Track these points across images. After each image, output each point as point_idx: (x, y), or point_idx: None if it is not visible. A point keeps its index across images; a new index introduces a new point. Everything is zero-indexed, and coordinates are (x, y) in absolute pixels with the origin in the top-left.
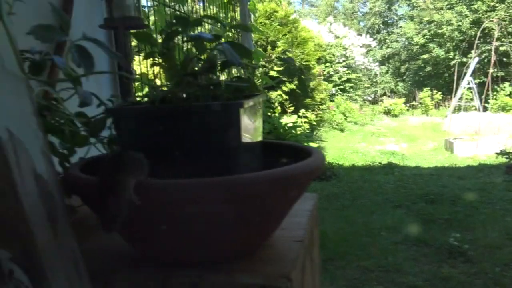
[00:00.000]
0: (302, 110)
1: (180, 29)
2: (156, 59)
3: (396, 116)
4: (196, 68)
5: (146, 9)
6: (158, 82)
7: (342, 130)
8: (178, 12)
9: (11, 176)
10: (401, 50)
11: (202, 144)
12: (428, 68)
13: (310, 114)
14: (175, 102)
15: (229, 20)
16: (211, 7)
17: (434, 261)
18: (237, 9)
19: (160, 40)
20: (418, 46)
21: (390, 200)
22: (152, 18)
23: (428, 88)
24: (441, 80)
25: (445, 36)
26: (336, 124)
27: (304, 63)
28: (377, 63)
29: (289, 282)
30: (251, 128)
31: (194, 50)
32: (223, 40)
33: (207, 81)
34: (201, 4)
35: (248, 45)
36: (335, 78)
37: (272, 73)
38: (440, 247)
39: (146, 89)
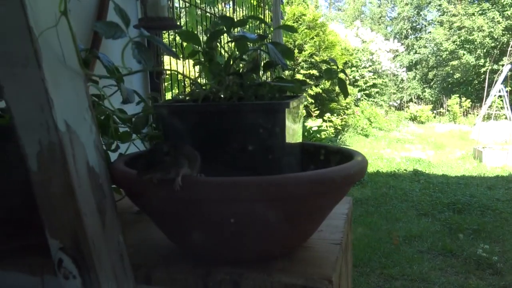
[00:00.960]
0: (328, 114)
1: (224, 29)
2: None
3: (422, 123)
4: (238, 68)
5: (178, 10)
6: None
7: (366, 136)
8: (208, 14)
9: (66, 167)
10: (429, 56)
11: (247, 143)
12: (457, 75)
13: (335, 119)
14: (218, 101)
15: (258, 22)
16: (240, 9)
17: (461, 272)
18: (266, 12)
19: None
20: (447, 52)
21: (416, 207)
22: (183, 19)
23: (457, 95)
24: (470, 87)
25: (475, 43)
26: (361, 129)
27: (331, 67)
28: (404, 69)
29: (330, 284)
30: (293, 129)
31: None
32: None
33: (250, 81)
34: (228, 7)
35: None
36: (360, 83)
37: (299, 76)
38: (468, 258)
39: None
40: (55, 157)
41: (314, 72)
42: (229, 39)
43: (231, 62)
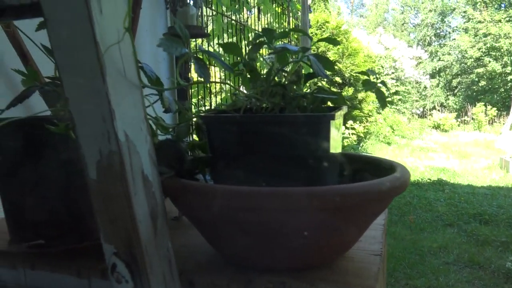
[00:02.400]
0: (350, 122)
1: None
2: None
3: (446, 131)
4: (278, 79)
5: (205, 18)
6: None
7: (389, 144)
8: (233, 22)
9: (124, 175)
10: (454, 63)
11: (292, 154)
12: (483, 83)
13: (358, 126)
14: (259, 112)
15: (276, 30)
16: (265, 17)
17: (489, 285)
18: (291, 19)
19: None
20: (472, 60)
21: (441, 218)
22: (210, 27)
23: (482, 103)
24: (496, 95)
25: (502, 50)
26: (383, 137)
27: (354, 75)
28: (428, 76)
29: None
30: (335, 139)
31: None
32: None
33: (292, 92)
34: (250, 14)
35: None
36: (383, 90)
37: (322, 83)
38: (496, 271)
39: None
40: (114, 165)
41: (337, 79)
42: (271, 51)
43: (273, 74)
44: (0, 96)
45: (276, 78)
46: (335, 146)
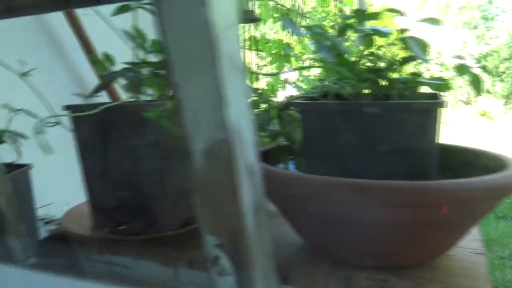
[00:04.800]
0: None
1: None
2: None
3: (493, 118)
4: (367, 64)
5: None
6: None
7: None
8: (279, 6)
9: (232, 165)
10: (502, 47)
11: (394, 144)
12: None
13: None
14: (348, 99)
15: (324, 12)
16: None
17: None
18: (336, 3)
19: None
20: None
21: (493, 210)
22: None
23: None
24: None
25: None
26: None
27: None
28: (474, 61)
29: None
30: (438, 129)
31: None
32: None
33: (386, 77)
34: None
35: None
36: (426, 75)
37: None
38: None
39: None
40: (222, 155)
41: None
42: (359, 33)
43: (361, 59)
44: (62, 83)
45: (365, 63)
46: (438, 136)
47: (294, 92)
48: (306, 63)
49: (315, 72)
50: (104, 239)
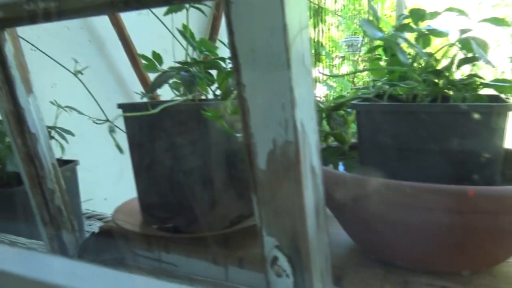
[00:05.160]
0: None
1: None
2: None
3: None
4: (422, 64)
5: None
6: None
7: None
8: (312, 4)
9: (298, 166)
10: None
11: (455, 147)
12: None
13: None
14: (403, 100)
15: (357, 12)
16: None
17: None
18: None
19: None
20: None
21: None
22: None
23: None
24: None
25: None
26: None
27: None
28: (508, 60)
29: None
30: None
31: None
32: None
33: (446, 78)
34: None
35: None
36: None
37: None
38: None
39: None
40: (288, 156)
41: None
42: (417, 33)
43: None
44: (103, 80)
45: (420, 63)
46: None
47: (325, 91)
48: (336, 62)
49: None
50: (153, 236)
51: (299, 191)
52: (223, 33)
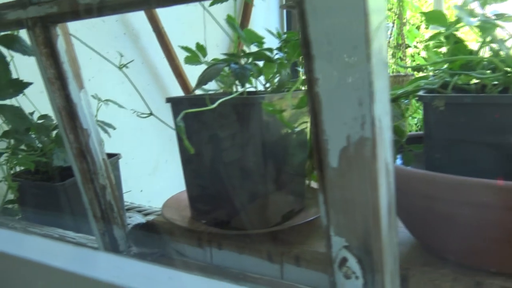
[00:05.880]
0: None
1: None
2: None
3: None
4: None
5: None
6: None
7: None
8: None
9: (374, 164)
10: None
11: None
12: None
13: None
14: (470, 90)
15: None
16: None
17: None
18: None
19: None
20: None
21: None
22: None
23: None
24: None
25: None
26: None
27: None
28: None
29: None
30: None
31: None
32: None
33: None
34: None
35: None
36: None
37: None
38: None
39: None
40: (363, 153)
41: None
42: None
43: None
44: (137, 72)
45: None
46: None
47: None
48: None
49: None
50: (203, 232)
51: (374, 189)
52: (253, 22)
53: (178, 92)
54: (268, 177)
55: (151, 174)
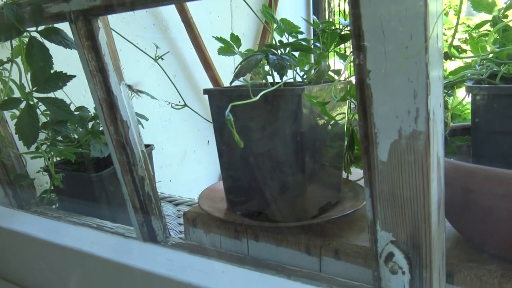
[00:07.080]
0: None
1: None
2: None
3: None
4: None
5: None
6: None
7: None
8: None
9: (428, 158)
10: None
11: None
12: None
13: None
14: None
15: None
16: None
17: None
18: None
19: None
20: None
21: None
22: None
23: None
24: None
25: None
26: None
27: None
28: None
29: None
30: None
31: None
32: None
33: None
34: None
35: None
36: None
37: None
38: None
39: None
40: (416, 147)
41: None
42: None
43: None
44: (167, 62)
45: None
46: None
47: None
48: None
49: None
50: (241, 224)
51: (426, 184)
52: (279, 9)
53: (206, 83)
54: (306, 169)
55: (179, 164)
